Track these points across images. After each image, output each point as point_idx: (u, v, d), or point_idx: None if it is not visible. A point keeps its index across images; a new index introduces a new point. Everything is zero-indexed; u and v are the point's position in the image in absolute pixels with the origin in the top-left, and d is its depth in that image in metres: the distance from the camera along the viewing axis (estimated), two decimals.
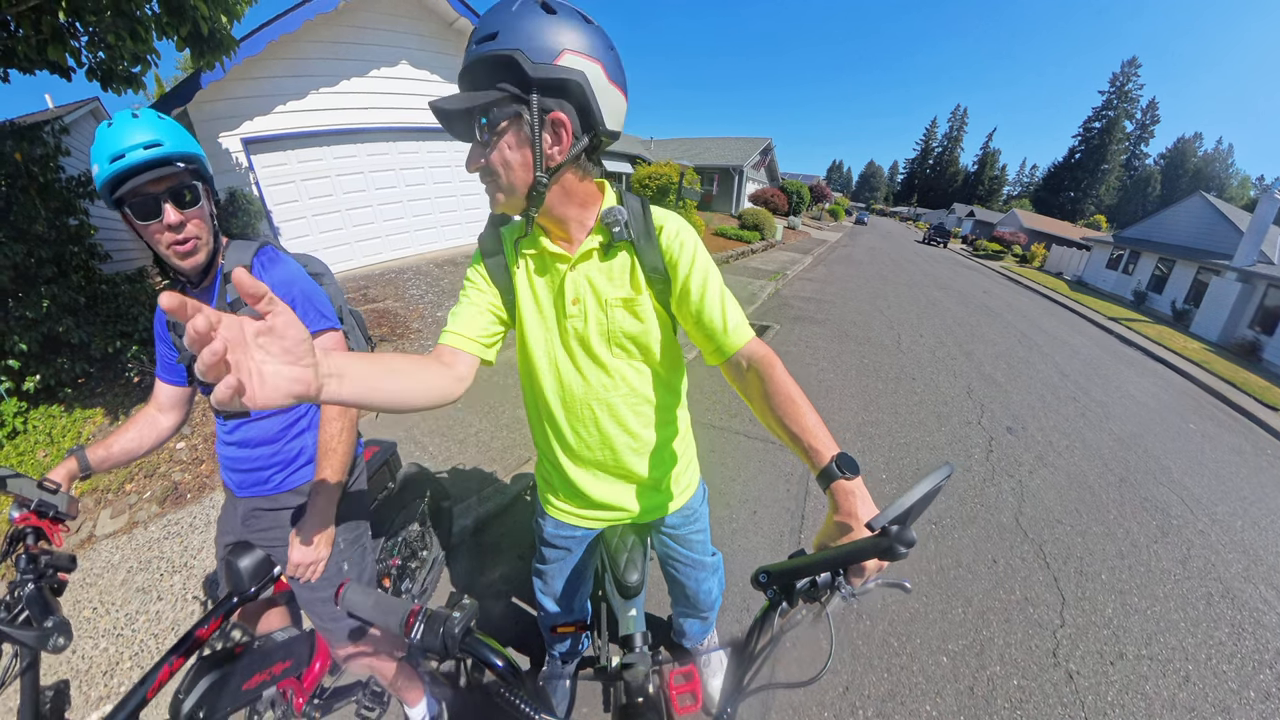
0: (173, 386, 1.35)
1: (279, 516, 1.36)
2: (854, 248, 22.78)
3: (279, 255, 1.28)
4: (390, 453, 1.96)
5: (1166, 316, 16.38)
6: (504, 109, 0.83)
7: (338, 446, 1.25)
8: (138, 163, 0.99)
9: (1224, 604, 2.79)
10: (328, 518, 1.26)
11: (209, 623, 1.20)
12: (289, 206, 6.93)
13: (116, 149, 0.99)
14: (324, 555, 1.26)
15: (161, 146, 1.02)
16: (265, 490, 1.35)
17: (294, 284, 1.24)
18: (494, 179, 0.89)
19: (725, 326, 1.00)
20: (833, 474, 0.79)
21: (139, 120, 1.03)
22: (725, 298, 1.02)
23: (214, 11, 3.35)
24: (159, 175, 1.02)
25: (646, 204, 1.06)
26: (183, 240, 1.08)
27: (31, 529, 1.03)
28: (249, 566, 1.30)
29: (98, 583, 2.36)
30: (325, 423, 1.27)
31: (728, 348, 1.00)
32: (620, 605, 1.34)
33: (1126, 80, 71.60)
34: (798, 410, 0.89)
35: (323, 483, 1.24)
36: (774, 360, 0.97)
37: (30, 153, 3.65)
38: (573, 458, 1.22)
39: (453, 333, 1.01)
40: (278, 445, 1.33)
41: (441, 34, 8.01)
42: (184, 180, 1.06)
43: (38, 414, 3.54)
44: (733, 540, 2.84)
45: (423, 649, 0.61)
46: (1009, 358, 7.30)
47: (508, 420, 3.86)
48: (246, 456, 1.32)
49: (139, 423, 1.34)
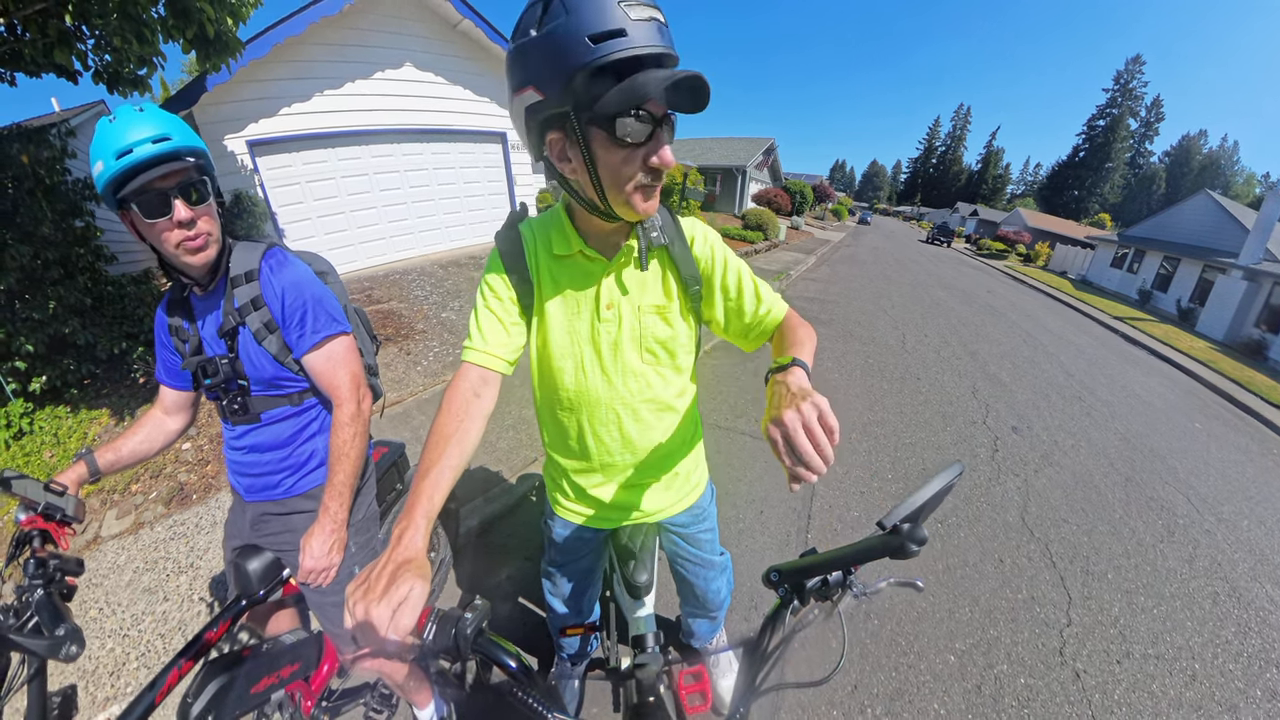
0: (177, 390, 1.33)
1: (289, 520, 1.35)
2: (857, 247, 22.73)
3: (287, 257, 1.26)
4: (399, 454, 1.96)
5: (1172, 315, 16.31)
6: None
7: (350, 451, 1.24)
8: (147, 158, 0.96)
9: (1230, 603, 2.78)
10: (340, 523, 1.24)
11: (217, 626, 1.19)
12: (294, 208, 6.96)
13: (122, 144, 0.95)
14: (336, 561, 1.24)
15: (171, 140, 0.99)
16: (275, 495, 1.33)
17: (304, 288, 1.22)
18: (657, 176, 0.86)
19: (767, 308, 1.08)
20: (783, 366, 0.82)
21: (144, 115, 0.99)
22: (758, 282, 1.10)
23: (220, 14, 3.38)
24: (169, 170, 0.99)
25: (674, 213, 1.09)
26: (194, 236, 1.05)
27: (38, 532, 1.01)
28: (258, 569, 1.29)
29: (104, 583, 2.38)
30: (337, 428, 1.25)
31: (770, 325, 1.08)
32: (630, 605, 1.34)
33: (1131, 78, 71.35)
34: (795, 335, 0.99)
35: (335, 487, 1.23)
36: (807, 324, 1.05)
37: (37, 155, 3.67)
38: (588, 459, 1.21)
39: (480, 350, 0.99)
40: (288, 450, 1.32)
41: (445, 36, 8.03)
42: (193, 175, 1.04)
43: (44, 415, 3.56)
44: (740, 540, 2.84)
45: (435, 650, 0.61)
46: (1014, 357, 7.28)
47: (512, 421, 3.86)
48: (256, 461, 1.31)
49: (146, 425, 1.33)
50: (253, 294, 1.18)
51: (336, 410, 1.26)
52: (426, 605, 0.61)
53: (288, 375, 1.25)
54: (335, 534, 1.23)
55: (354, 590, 0.60)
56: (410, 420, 3.89)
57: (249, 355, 1.21)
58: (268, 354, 1.21)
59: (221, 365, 1.20)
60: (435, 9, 7.74)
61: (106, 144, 0.95)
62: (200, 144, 1.08)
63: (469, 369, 0.98)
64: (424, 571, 0.62)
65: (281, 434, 1.30)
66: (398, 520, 0.70)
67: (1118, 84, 72.06)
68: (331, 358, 1.25)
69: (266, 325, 1.19)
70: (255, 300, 1.18)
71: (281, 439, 1.30)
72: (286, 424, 1.30)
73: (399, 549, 0.65)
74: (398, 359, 4.89)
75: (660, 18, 0.75)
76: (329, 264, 1.50)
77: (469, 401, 0.93)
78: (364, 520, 1.42)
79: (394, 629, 0.56)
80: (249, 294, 1.18)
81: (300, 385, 1.29)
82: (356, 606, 0.58)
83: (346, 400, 1.25)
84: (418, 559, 0.64)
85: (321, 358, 1.24)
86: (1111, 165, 72.45)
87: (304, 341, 1.22)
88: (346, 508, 1.25)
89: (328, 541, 1.21)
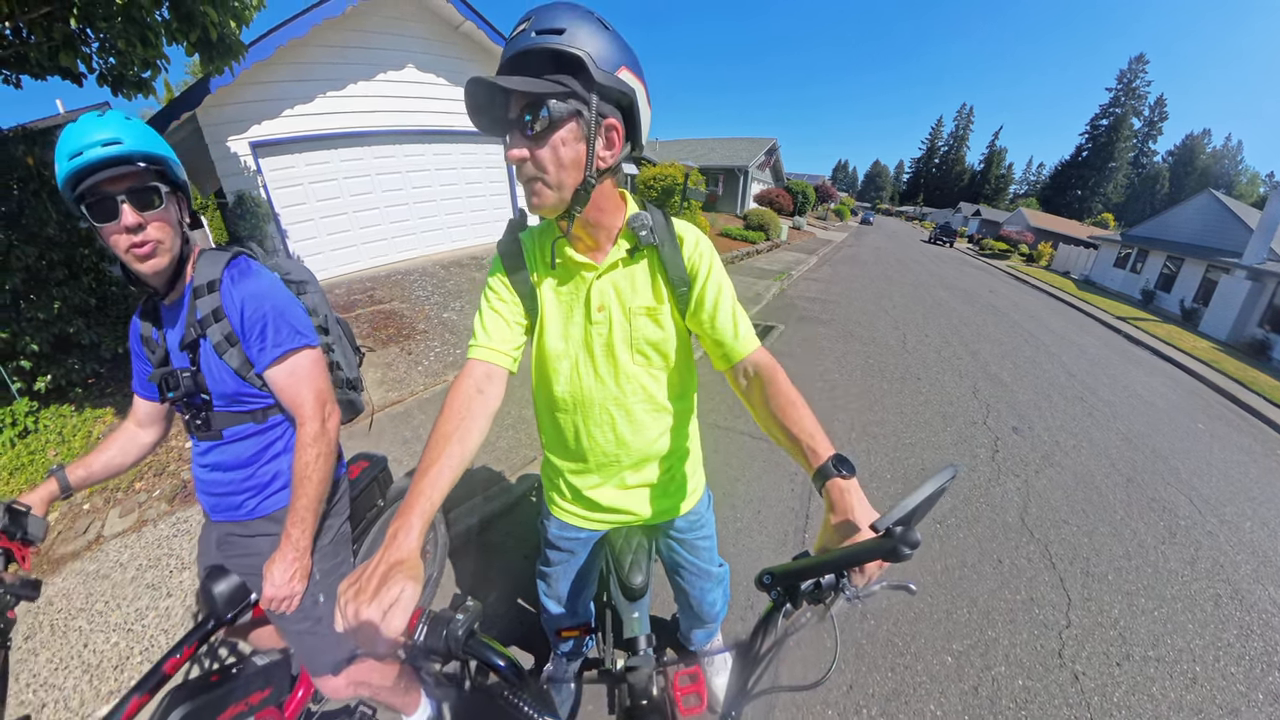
0: (149, 402, 1.29)
1: (253, 544, 1.29)
2: (859, 247, 22.71)
3: (250, 267, 1.21)
4: (380, 468, 1.86)
5: (1175, 315, 16.23)
6: (564, 103, 0.82)
7: (312, 475, 1.18)
8: (94, 160, 0.95)
9: (1232, 605, 2.77)
10: (302, 549, 1.19)
11: (181, 651, 1.15)
12: (296, 209, 6.99)
13: (75, 146, 0.95)
14: (299, 590, 1.19)
15: (121, 144, 0.98)
16: (238, 515, 1.28)
17: (264, 299, 1.17)
18: (541, 174, 0.86)
19: (736, 334, 1.06)
20: (829, 472, 0.80)
21: (102, 119, 0.99)
22: (736, 308, 1.08)
23: (223, 17, 3.40)
24: (116, 174, 0.98)
25: (668, 215, 1.10)
26: (141, 243, 1.02)
27: (1, 550, 0.99)
28: (224, 592, 1.26)
29: (109, 578, 2.40)
30: (300, 449, 1.18)
31: (736, 354, 1.06)
32: (625, 607, 1.34)
33: (1134, 77, 71.02)
34: (797, 413, 0.92)
35: (297, 512, 1.17)
36: (777, 367, 1.03)
37: (42, 157, 3.70)
38: (584, 461, 1.23)
39: (485, 347, 1.02)
40: (251, 470, 1.26)
41: (447, 37, 8.06)
42: (144, 180, 1.01)
43: (49, 413, 3.59)
44: (737, 540, 2.84)
45: (426, 650, 0.61)
46: (1015, 357, 7.26)
47: (512, 420, 3.88)
48: (219, 480, 1.26)
49: (119, 439, 1.30)
50: (214, 305, 1.14)
51: (300, 429, 1.20)
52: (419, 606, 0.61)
53: (250, 391, 1.20)
54: (297, 562, 1.18)
55: (345, 590, 0.60)
56: (411, 420, 3.91)
57: (210, 369, 1.16)
58: (228, 368, 1.16)
59: (183, 378, 1.15)
60: (437, 10, 7.77)
61: (63, 146, 0.96)
62: (160, 150, 1.05)
63: (473, 365, 1.00)
64: (416, 573, 0.62)
65: (244, 453, 1.24)
66: (393, 519, 0.70)
67: (1121, 83, 71.75)
68: (294, 373, 1.20)
69: (228, 338, 1.15)
70: (216, 311, 1.14)
71: (244, 458, 1.25)
72: (249, 442, 1.25)
73: (391, 549, 0.65)
74: (399, 359, 4.90)
75: (517, 32, 0.82)
76: (309, 273, 1.46)
77: (471, 399, 0.95)
78: (332, 545, 1.36)
79: (384, 630, 0.56)
80: (210, 305, 1.14)
81: (264, 401, 1.24)
82: (348, 607, 0.58)
83: (310, 418, 1.20)
84: (410, 559, 0.64)
85: (283, 373, 1.19)
86: (1115, 165, 72.10)
87: (265, 355, 1.16)
88: (309, 534, 1.20)
89: (289, 570, 1.17)
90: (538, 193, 0.88)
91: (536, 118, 0.81)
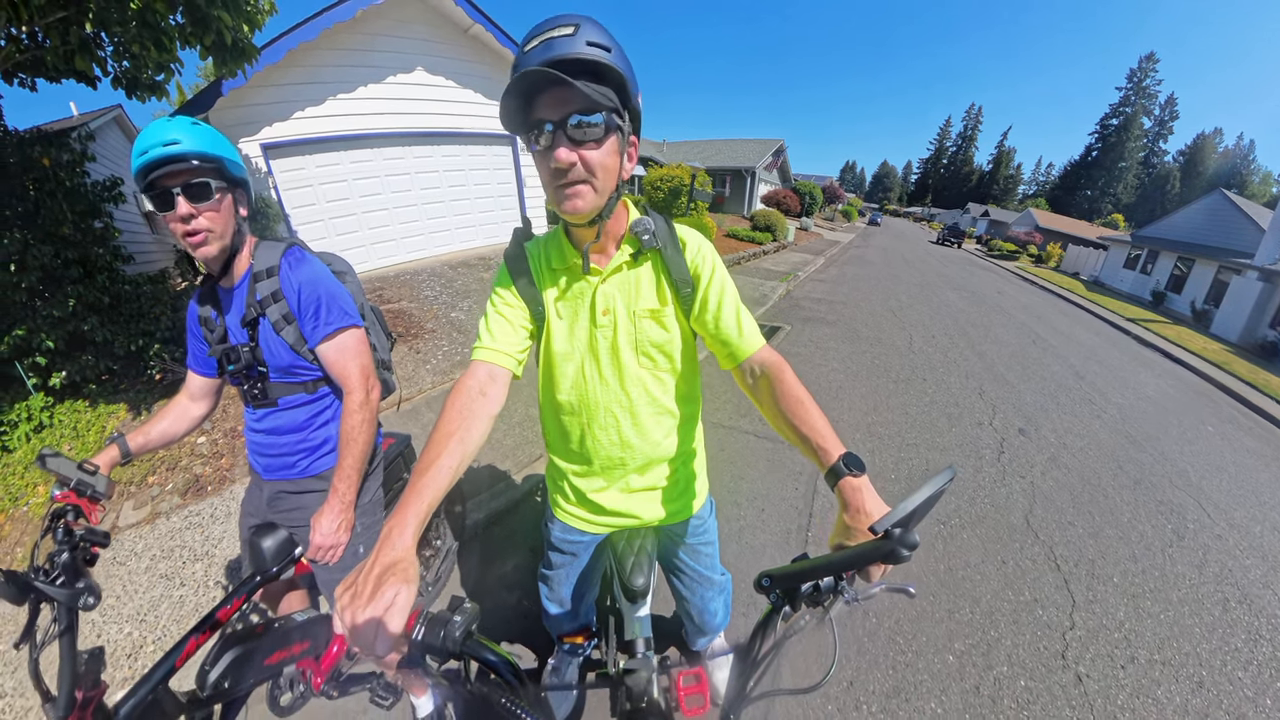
0: (203, 378, 1.44)
1: (302, 499, 1.44)
2: (866, 249, 22.61)
3: (305, 255, 1.36)
4: (405, 445, 2.03)
5: (1186, 317, 16.04)
6: (612, 117, 0.86)
7: (358, 437, 1.33)
8: (156, 158, 1.09)
9: (1241, 609, 2.74)
10: (348, 504, 1.33)
11: (232, 601, 1.24)
12: (306, 210, 7.06)
13: (144, 145, 1.10)
14: (343, 540, 1.33)
15: (179, 145, 1.11)
16: (291, 474, 1.43)
17: (319, 284, 1.32)
18: (591, 177, 0.89)
19: (740, 333, 1.08)
20: (840, 471, 0.82)
21: (170, 122, 1.13)
22: (740, 307, 1.11)
23: (236, 21, 3.45)
24: (174, 170, 1.11)
25: (670, 219, 1.12)
26: (192, 231, 1.15)
27: (71, 507, 1.10)
28: (272, 546, 1.36)
29: (123, 569, 2.44)
30: (347, 414, 1.34)
31: (741, 353, 1.08)
32: (627, 609, 1.35)
33: (1144, 76, 70.29)
34: (806, 411, 0.93)
35: (344, 470, 1.32)
36: (783, 365, 1.04)
37: (57, 158, 3.77)
38: (588, 463, 1.24)
39: (489, 348, 1.04)
40: (304, 433, 1.42)
41: (456, 40, 8.10)
42: (197, 176, 1.14)
43: (63, 409, 3.65)
44: (740, 538, 2.85)
45: (424, 648, 0.62)
46: (1022, 358, 7.21)
47: (519, 419, 3.91)
48: (274, 443, 1.41)
49: (173, 411, 1.44)
50: (273, 288, 1.29)
51: (346, 398, 1.36)
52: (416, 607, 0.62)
53: (303, 364, 1.35)
54: (343, 514, 1.32)
55: (342, 594, 0.60)
56: (420, 417, 3.95)
57: (268, 344, 1.31)
58: (285, 343, 1.31)
59: (243, 353, 1.32)
60: (447, 14, 7.81)
61: (137, 144, 1.11)
62: (217, 151, 1.17)
63: (477, 366, 1.02)
64: (410, 574, 0.62)
65: (297, 419, 1.40)
66: (389, 517, 0.70)
67: (1131, 82, 71.03)
68: (343, 349, 1.35)
69: (285, 317, 1.30)
70: (275, 293, 1.29)
71: (297, 423, 1.41)
72: (302, 410, 1.40)
73: (385, 549, 0.65)
74: (408, 357, 4.95)
75: (555, 34, 0.81)
76: (348, 264, 1.61)
77: (473, 399, 0.95)
78: (370, 504, 1.52)
79: (381, 633, 0.57)
80: (269, 288, 1.29)
81: (315, 374, 1.39)
82: (344, 612, 0.58)
83: (356, 389, 1.35)
84: (403, 560, 0.63)
85: (333, 348, 1.34)
86: (1125, 165, 71.31)
87: (317, 332, 1.32)
88: (354, 490, 1.35)
89: (336, 520, 1.31)
90: (581, 195, 0.90)
91: (591, 123, 0.84)
